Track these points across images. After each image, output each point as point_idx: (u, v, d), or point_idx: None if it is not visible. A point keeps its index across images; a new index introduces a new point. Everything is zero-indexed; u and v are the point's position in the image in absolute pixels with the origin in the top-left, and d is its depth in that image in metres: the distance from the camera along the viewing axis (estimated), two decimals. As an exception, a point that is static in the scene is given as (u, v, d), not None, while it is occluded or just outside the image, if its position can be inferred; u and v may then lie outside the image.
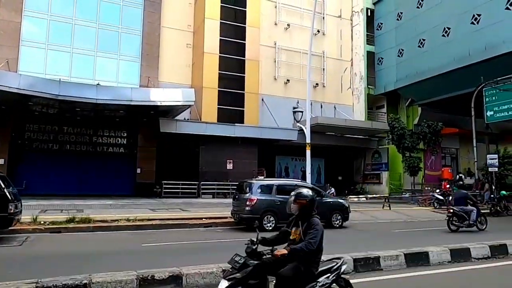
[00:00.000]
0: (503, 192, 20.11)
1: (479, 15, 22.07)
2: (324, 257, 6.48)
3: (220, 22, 24.56)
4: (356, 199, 21.44)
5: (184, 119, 23.33)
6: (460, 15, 23.19)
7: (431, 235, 11.83)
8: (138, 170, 23.33)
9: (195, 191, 22.37)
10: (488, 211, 19.03)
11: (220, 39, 24.44)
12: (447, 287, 6.02)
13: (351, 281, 6.03)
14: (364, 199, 22.16)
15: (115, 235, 10.81)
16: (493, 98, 21.18)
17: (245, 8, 25.41)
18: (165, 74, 24.54)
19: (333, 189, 23.46)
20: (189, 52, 25.71)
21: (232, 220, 13.03)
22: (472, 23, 22.41)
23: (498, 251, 8.16)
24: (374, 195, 23.08)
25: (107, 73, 23.35)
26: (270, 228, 12.00)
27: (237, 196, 13.02)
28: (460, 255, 7.68)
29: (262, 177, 22.34)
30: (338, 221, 13.24)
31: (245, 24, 25.35)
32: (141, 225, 11.93)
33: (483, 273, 6.92)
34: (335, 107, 28.69)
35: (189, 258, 7.29)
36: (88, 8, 23.33)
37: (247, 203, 12.03)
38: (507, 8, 20.52)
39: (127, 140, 23.86)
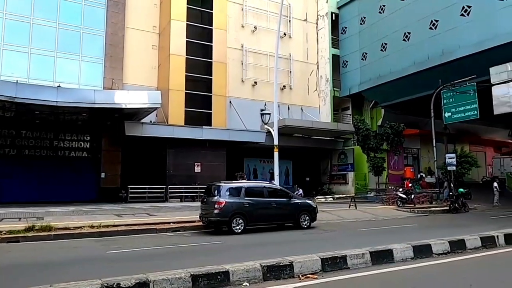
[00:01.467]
0: (461, 189, 21.16)
1: (436, 21, 23.11)
2: (292, 258, 6.56)
3: (187, 24, 24.31)
4: (323, 199, 21.83)
5: (150, 122, 22.88)
6: (419, 21, 24.17)
7: (395, 233, 12.22)
8: (103, 175, 22.62)
9: (163, 195, 21.97)
10: (448, 208, 19.95)
11: (186, 40, 24.19)
12: (409, 283, 6.21)
13: (319, 281, 6.15)
14: (331, 199, 22.61)
15: (79, 242, 10.41)
16: (450, 100, 22.23)
17: (212, 10, 25.29)
18: (130, 76, 23.97)
19: (301, 190, 23.76)
20: (155, 54, 25.26)
21: (201, 223, 12.91)
22: (431, 28, 23.43)
23: (456, 246, 8.53)
24: (341, 195, 23.60)
25: (68, 74, 22.48)
26: (239, 230, 11.99)
27: (205, 200, 12.91)
28: (422, 251, 7.97)
29: (244, 180, 22.05)
30: (306, 222, 13.41)
31: (212, 26, 25.23)
32: (105, 232, 11.57)
33: (443, 268, 7.21)
34: (302, 109, 29.10)
35: (157, 264, 7.14)
36: (47, 6, 22.38)
37: (216, 206, 11.95)
38: (462, 15, 21.62)
39: (91, 144, 23.09)
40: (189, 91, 24.05)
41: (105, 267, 7.31)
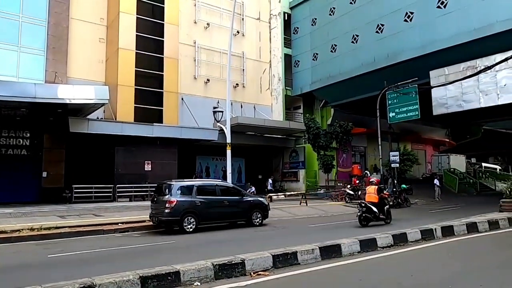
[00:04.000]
0: (403, 185, 22.38)
1: (382, 25, 24.23)
2: (243, 256, 6.56)
3: (137, 17, 23.48)
4: (275, 196, 22.09)
5: (97, 118, 21.87)
6: (366, 24, 25.22)
7: (344, 228, 12.67)
8: (44, 174, 21.27)
9: (111, 194, 21.10)
10: (392, 203, 21.02)
11: (136, 34, 23.37)
12: (356, 275, 6.46)
13: (270, 277, 6.22)
14: (283, 196, 22.95)
15: (17, 247, 9.72)
16: (395, 101, 23.41)
17: (163, 4, 24.64)
18: (75, 70, 22.74)
19: (253, 188, 23.92)
20: (102, 47, 24.16)
21: (151, 223, 12.58)
22: (377, 32, 24.53)
23: (399, 239, 9.03)
24: (292, 192, 24.03)
25: (5, 67, 20.80)
26: (191, 229, 11.84)
27: (156, 199, 12.59)
28: (368, 245, 8.33)
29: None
30: (258, 219, 13.52)
31: (163, 20, 24.58)
32: (47, 234, 10.92)
33: (387, 260, 7.59)
34: (254, 107, 29.26)
35: (103, 267, 6.83)
36: (-20, -8, 20.62)
37: (167, 205, 11.69)
38: (406, 20, 22.84)
39: (31, 141, 21.59)
40: (139, 87, 23.29)
41: (47, 272, 6.89)
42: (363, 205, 12.95)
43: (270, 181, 27.58)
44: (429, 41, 21.47)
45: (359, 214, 12.90)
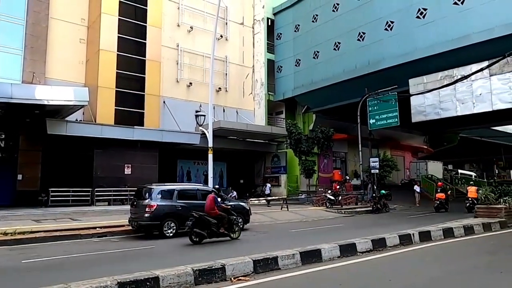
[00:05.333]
0: (383, 191, 22.72)
1: (364, 33, 24.67)
2: (224, 261, 6.53)
3: (119, 19, 23.20)
4: (257, 201, 22.09)
5: (76, 120, 21.43)
6: (348, 32, 25.63)
7: (324, 233, 12.75)
8: (19, 177, 20.63)
9: (89, 198, 20.68)
10: (371, 208, 21.32)
11: (118, 36, 23.08)
12: (336, 280, 6.51)
13: (251, 282, 6.19)
14: (264, 201, 22.96)
15: (-12, 252, 9.38)
16: (375, 107, 23.83)
17: (146, 6, 24.45)
18: (54, 71, 22.24)
19: (235, 193, 23.85)
20: (83, 48, 23.75)
21: (130, 228, 12.36)
22: (359, 40, 24.96)
23: (378, 244, 9.14)
24: (274, 197, 24.07)
25: (-20, 65, 20.25)
26: (171, 234, 11.70)
27: (135, 203, 12.38)
28: (348, 250, 8.40)
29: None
30: (239, 224, 13.44)
31: (146, 23, 24.37)
32: (21, 239, 10.58)
33: (366, 265, 7.67)
34: (237, 112, 29.24)
35: (80, 273, 6.67)
36: (-45, -12, 19.99)
37: (147, 209, 11.52)
38: (386, 29, 23.32)
39: (6, 142, 20.92)
40: (120, 89, 22.96)
41: (21, 278, 6.67)
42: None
43: (268, 185, 27.40)
44: (408, 50, 21.97)
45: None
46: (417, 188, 25.54)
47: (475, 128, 38.52)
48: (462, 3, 19.79)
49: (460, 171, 42.70)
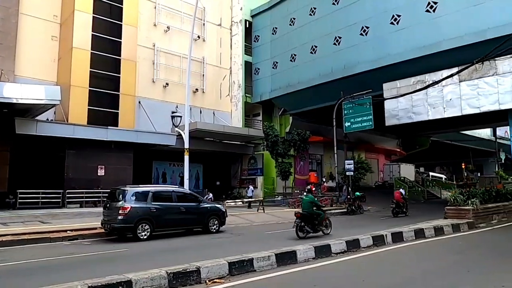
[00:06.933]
0: (357, 193, 23.10)
1: (340, 38, 25.09)
2: (199, 264, 6.47)
3: (93, 16, 22.65)
4: (233, 203, 21.98)
5: (47, 120, 20.76)
6: (324, 36, 26.00)
7: (299, 235, 12.80)
8: (-15, 178, 19.85)
9: (59, 200, 20.07)
10: (345, 210, 21.64)
11: (92, 34, 22.53)
12: (311, 281, 6.56)
13: (226, 285, 6.16)
14: (241, 203, 22.91)
15: (-50, 257, 8.94)
16: (350, 111, 24.24)
17: (122, 5, 23.99)
18: (24, 68, 21.50)
19: (211, 195, 23.69)
20: (55, 46, 23.06)
21: (103, 231, 12.07)
22: (335, 44, 25.36)
23: (352, 245, 9.28)
24: (250, 199, 24.07)
25: None
26: (145, 237, 11.50)
27: (108, 205, 12.11)
28: (322, 251, 8.49)
29: None
30: (215, 226, 13.39)
31: (121, 21, 23.90)
32: (-14, 243, 10.15)
33: (340, 266, 7.77)
34: (214, 113, 29.10)
35: (49, 277, 6.45)
36: None
37: (120, 211, 11.28)
38: (361, 34, 23.80)
39: (-29, 142, 20.10)
40: (94, 89, 22.42)
41: (-16, 284, 6.38)
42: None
43: (251, 188, 27.24)
44: (382, 55, 22.50)
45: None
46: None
47: (445, 132, 39.85)
48: (434, 10, 20.44)
49: (431, 173, 43.96)
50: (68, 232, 11.99)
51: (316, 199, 13.74)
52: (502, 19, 17.75)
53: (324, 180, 31.32)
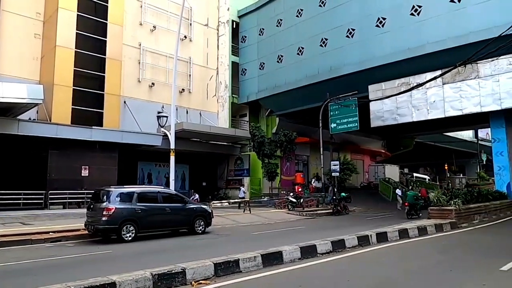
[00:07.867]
0: (343, 194, 23.27)
1: (326, 39, 25.27)
2: (184, 265, 6.42)
3: (77, 15, 22.33)
4: (219, 204, 21.93)
5: (30, 119, 20.37)
6: (311, 38, 26.15)
7: (286, 235, 12.86)
8: (-36, 179, 19.34)
9: (42, 201, 19.69)
10: (331, 211, 21.79)
11: (76, 32, 22.20)
12: (296, 282, 6.58)
13: (212, 286, 6.13)
14: (227, 204, 22.85)
15: None
16: (336, 112, 24.42)
17: (107, 3, 23.70)
18: (5, 66, 21.05)
19: (197, 195, 23.54)
20: (38, 44, 22.64)
21: (86, 232, 11.87)
22: (321, 45, 25.53)
23: (338, 246, 9.34)
24: (236, 200, 24.02)
25: None
26: (130, 238, 11.35)
27: (92, 206, 11.92)
28: (308, 252, 8.52)
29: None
30: (201, 227, 13.31)
31: (106, 20, 23.61)
32: (-35, 245, 9.87)
33: (326, 266, 7.81)
34: (200, 114, 28.98)
35: (31, 280, 6.32)
36: None
37: (104, 212, 11.11)
38: (348, 36, 24.03)
39: (-50, 142, 19.56)
40: (78, 88, 22.08)
41: (-38, 287, 6.21)
42: None
43: (243, 189, 26.91)
44: (367, 57, 22.75)
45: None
46: (398, 191, 25.55)
47: (429, 133, 40.48)
48: (418, 14, 20.77)
49: (415, 174, 44.65)
50: (50, 233, 11.75)
51: (418, 193, 20.37)
52: (483, 24, 18.16)
53: (313, 180, 31.44)
